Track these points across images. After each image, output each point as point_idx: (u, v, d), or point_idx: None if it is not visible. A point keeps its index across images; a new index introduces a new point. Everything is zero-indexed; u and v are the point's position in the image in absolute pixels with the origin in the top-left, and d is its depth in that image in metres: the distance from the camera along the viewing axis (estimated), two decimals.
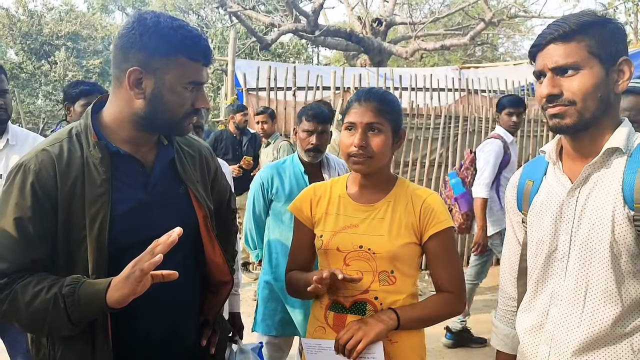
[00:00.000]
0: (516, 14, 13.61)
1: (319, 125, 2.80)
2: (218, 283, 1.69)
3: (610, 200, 1.32)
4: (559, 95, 1.33)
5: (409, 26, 15.03)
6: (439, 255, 1.70)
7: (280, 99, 6.68)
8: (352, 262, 1.68)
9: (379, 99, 1.68)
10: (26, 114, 17.87)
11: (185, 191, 1.58)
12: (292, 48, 20.24)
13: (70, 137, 1.44)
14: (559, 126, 1.35)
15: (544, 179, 1.51)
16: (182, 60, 1.38)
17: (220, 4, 13.08)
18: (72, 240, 1.37)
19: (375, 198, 1.74)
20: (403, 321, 1.62)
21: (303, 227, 1.82)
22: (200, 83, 1.43)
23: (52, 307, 1.29)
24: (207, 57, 1.43)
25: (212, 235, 1.63)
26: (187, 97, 1.42)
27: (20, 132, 2.61)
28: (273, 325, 2.82)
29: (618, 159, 1.34)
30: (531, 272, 1.51)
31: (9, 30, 19.69)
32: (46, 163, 1.37)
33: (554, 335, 1.41)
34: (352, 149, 1.65)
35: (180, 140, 1.64)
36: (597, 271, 1.34)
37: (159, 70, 1.38)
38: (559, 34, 1.33)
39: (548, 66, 1.34)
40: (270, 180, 2.84)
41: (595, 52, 1.31)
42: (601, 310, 1.33)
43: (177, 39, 1.37)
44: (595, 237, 1.33)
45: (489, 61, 18.55)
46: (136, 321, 1.47)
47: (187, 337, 1.62)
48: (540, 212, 1.47)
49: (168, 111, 1.42)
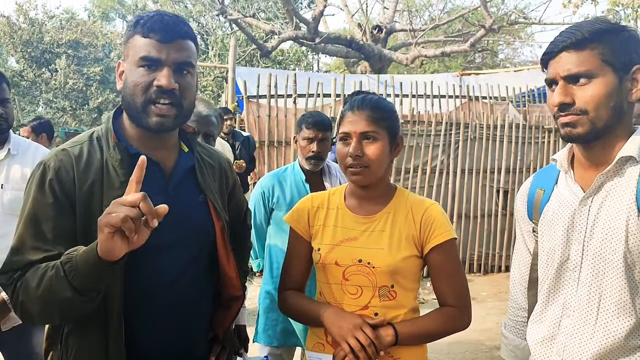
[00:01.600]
0: (516, 21, 13.64)
1: (319, 132, 2.78)
2: (230, 298, 1.65)
3: (624, 209, 1.29)
4: (571, 104, 1.31)
5: (409, 33, 15.04)
6: (441, 268, 1.65)
7: (281, 106, 6.68)
8: (352, 276, 1.63)
9: (373, 107, 1.64)
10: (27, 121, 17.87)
11: (204, 200, 1.56)
12: (293, 55, 20.28)
13: (91, 140, 1.45)
14: (571, 135, 1.33)
15: (555, 187, 1.49)
16: (136, 38, 1.38)
17: (221, 11, 13.10)
18: (90, 241, 1.33)
19: (374, 209, 1.69)
20: (401, 337, 1.57)
21: (299, 238, 1.77)
22: (154, 59, 1.36)
23: (55, 280, 1.24)
24: (158, 32, 1.36)
25: (228, 248, 1.60)
26: (143, 74, 1.36)
27: (22, 141, 2.58)
28: (275, 335, 2.79)
29: (632, 167, 1.32)
30: (542, 282, 1.48)
31: (10, 38, 19.73)
32: (65, 163, 1.38)
33: (566, 346, 1.38)
34: (348, 160, 1.62)
35: (200, 150, 1.63)
36: (610, 282, 1.31)
37: (126, 55, 1.41)
38: (572, 41, 1.31)
39: (560, 74, 1.32)
40: (271, 189, 2.82)
41: (608, 60, 1.29)
42: (615, 322, 1.30)
43: (134, 22, 1.39)
44: (609, 247, 1.30)
45: (489, 68, 18.58)
46: (149, 333, 1.44)
47: (197, 351, 1.59)
48: (551, 222, 1.45)
49: (130, 94, 1.39)
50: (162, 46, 1.36)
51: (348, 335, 1.53)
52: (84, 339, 1.38)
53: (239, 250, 1.74)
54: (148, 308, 1.43)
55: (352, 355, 1.52)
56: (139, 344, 1.42)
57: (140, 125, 1.43)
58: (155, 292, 1.43)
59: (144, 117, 1.39)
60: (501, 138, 7.01)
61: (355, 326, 1.54)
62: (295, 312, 1.76)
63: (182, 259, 1.49)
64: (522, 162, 7.05)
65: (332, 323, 1.58)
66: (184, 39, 1.40)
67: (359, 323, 1.55)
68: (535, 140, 7.17)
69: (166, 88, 1.35)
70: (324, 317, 1.61)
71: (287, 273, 1.81)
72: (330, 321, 1.59)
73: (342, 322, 1.57)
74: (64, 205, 1.35)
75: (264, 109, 6.64)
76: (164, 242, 1.38)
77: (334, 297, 1.66)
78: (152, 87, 1.36)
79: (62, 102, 19.88)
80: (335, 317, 1.59)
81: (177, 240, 1.46)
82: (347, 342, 1.52)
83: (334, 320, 1.58)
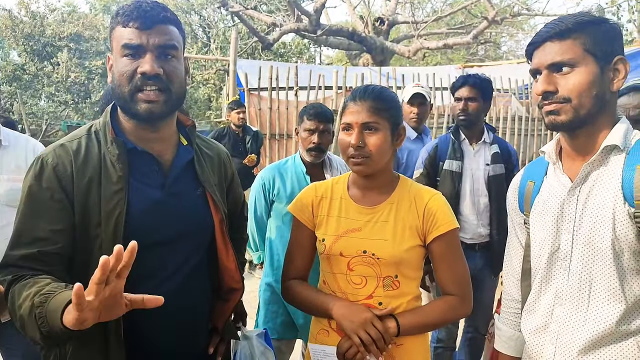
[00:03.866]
0: (519, 12, 13.57)
1: (320, 123, 2.77)
2: (229, 290, 1.66)
3: (611, 198, 1.32)
4: (554, 92, 1.35)
5: (412, 25, 14.98)
6: (443, 257, 1.66)
7: (282, 99, 6.67)
8: (356, 267, 1.65)
9: (375, 97, 1.64)
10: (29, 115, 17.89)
11: (203, 193, 1.56)
12: (294, 48, 20.21)
13: (89, 135, 1.45)
14: (555, 123, 1.36)
15: (545, 179, 1.52)
16: (117, 29, 1.39)
17: (222, 4, 13.05)
18: (89, 237, 1.36)
19: (377, 200, 1.70)
20: (403, 328, 1.60)
21: (303, 228, 1.77)
22: (134, 47, 1.36)
23: (28, 317, 1.22)
24: (136, 19, 1.36)
25: (227, 240, 1.61)
26: (127, 63, 1.36)
27: (11, 133, 2.57)
28: (275, 328, 2.79)
29: (616, 156, 1.35)
30: (535, 272, 1.51)
31: (11, 31, 19.70)
32: (64, 158, 1.38)
33: (559, 334, 1.41)
34: (349, 150, 1.62)
35: (200, 143, 1.63)
36: (600, 269, 1.34)
37: (112, 48, 1.41)
38: (555, 32, 1.35)
39: (544, 63, 1.36)
40: (271, 181, 2.81)
41: (590, 50, 1.32)
42: (606, 308, 1.33)
43: (115, 13, 1.40)
44: (597, 235, 1.34)
45: (492, 60, 18.52)
46: (149, 327, 1.45)
47: (196, 343, 1.60)
48: (542, 213, 1.48)
49: (118, 85, 1.39)
50: (142, 33, 1.36)
51: (359, 329, 1.56)
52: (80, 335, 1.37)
53: (236, 241, 1.74)
54: None
55: (362, 347, 1.56)
56: (138, 337, 1.43)
57: (131, 116, 1.42)
58: (155, 285, 1.43)
59: (132, 106, 1.38)
60: (504, 130, 6.99)
61: (367, 320, 1.57)
62: (301, 302, 1.76)
63: (181, 253, 1.50)
64: (524, 155, 7.04)
65: (343, 316, 1.60)
66: (164, 23, 1.39)
67: (370, 317, 1.57)
68: (537, 132, 7.15)
69: (150, 73, 1.35)
70: (333, 309, 1.63)
71: (290, 262, 1.81)
72: (341, 314, 1.61)
73: (352, 315, 1.59)
74: (62, 200, 1.35)
75: (266, 102, 6.62)
76: (163, 238, 1.38)
77: (339, 286, 1.68)
78: (137, 75, 1.36)
79: (64, 95, 19.88)
80: (346, 310, 1.61)
81: (175, 235, 1.46)
82: (358, 336, 1.56)
83: (345, 313, 1.60)
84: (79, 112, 20.23)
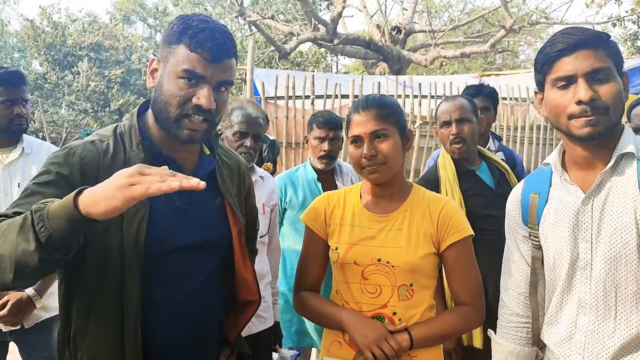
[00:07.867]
0: (537, 21, 13.47)
1: (330, 131, 2.77)
2: (245, 302, 1.64)
3: (630, 203, 1.32)
4: (597, 101, 1.31)
5: (429, 34, 14.95)
6: (456, 265, 1.64)
7: (299, 108, 6.67)
8: (371, 275, 1.63)
9: (378, 105, 1.64)
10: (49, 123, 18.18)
11: (222, 203, 1.55)
12: (311, 57, 20.30)
13: (115, 136, 1.44)
14: (591, 134, 1.33)
15: (551, 190, 1.51)
16: (181, 48, 1.34)
17: (240, 13, 13.16)
18: (107, 239, 1.33)
19: (390, 208, 1.69)
20: (416, 341, 1.57)
21: (316, 237, 1.76)
22: (197, 76, 1.33)
23: (20, 229, 1.10)
24: (207, 50, 1.32)
25: (246, 251, 1.59)
26: (182, 87, 1.33)
27: (34, 141, 2.62)
28: (289, 336, 2.78)
29: (629, 163, 1.35)
30: (553, 284, 1.50)
31: (33, 41, 20.09)
32: (94, 153, 1.37)
33: (586, 344, 1.40)
34: (363, 161, 1.62)
35: (220, 152, 1.62)
36: (624, 275, 1.33)
37: (165, 58, 1.37)
38: (584, 41, 1.33)
39: (582, 70, 1.32)
40: (283, 190, 2.81)
41: (613, 61, 1.34)
42: (635, 314, 1.32)
43: (181, 28, 1.34)
44: (619, 241, 1.33)
45: (510, 69, 18.39)
46: (162, 333, 1.43)
47: (207, 353, 1.58)
48: (555, 224, 1.46)
49: (165, 102, 1.35)
50: (209, 65, 1.33)
51: (372, 345, 1.54)
52: (96, 339, 1.37)
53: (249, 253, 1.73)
54: (162, 308, 1.42)
55: None
56: (152, 344, 1.42)
57: (168, 133, 1.41)
58: (170, 293, 1.43)
59: (175, 128, 1.37)
60: (522, 139, 6.92)
61: (380, 336, 1.55)
62: (313, 314, 1.75)
63: (197, 262, 1.49)
64: (529, 163, 6.95)
65: (356, 331, 1.58)
66: (229, 57, 1.38)
67: (383, 333, 1.55)
68: (556, 141, 7.06)
69: (205, 108, 1.33)
70: (345, 323, 1.61)
71: (303, 273, 1.80)
72: (354, 328, 1.59)
73: (366, 330, 1.57)
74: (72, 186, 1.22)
75: (282, 110, 6.63)
76: (180, 245, 1.37)
77: (353, 296, 1.65)
78: (190, 103, 1.34)
79: (84, 104, 20.17)
80: (359, 324, 1.59)
81: (193, 243, 1.46)
82: (371, 352, 1.54)
83: (358, 327, 1.58)
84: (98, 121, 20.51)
